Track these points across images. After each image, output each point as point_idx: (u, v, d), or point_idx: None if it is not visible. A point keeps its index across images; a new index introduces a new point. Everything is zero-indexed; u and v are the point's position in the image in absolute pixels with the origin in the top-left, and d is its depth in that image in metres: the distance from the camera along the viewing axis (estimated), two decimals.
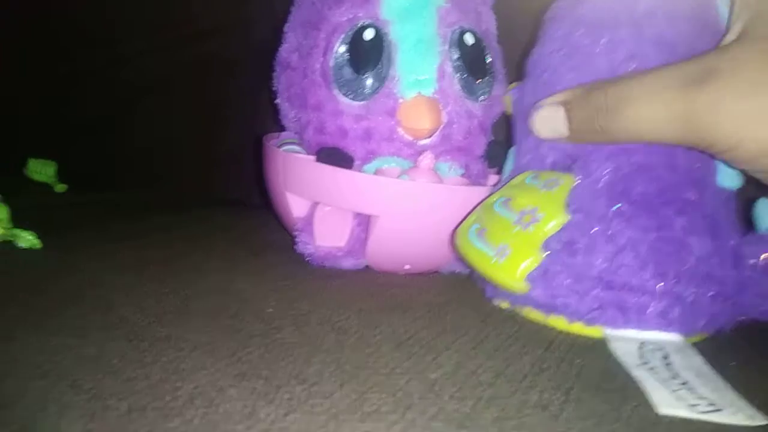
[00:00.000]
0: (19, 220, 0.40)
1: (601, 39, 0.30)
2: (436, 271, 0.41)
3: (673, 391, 0.25)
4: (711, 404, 0.24)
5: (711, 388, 0.25)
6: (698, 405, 0.24)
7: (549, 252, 0.29)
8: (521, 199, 0.30)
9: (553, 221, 0.29)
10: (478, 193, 0.36)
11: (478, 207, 0.33)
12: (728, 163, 0.28)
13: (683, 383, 0.25)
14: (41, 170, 0.62)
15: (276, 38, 0.44)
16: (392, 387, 0.24)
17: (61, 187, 0.62)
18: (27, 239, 0.39)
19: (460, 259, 0.34)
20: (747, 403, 0.24)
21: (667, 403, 0.24)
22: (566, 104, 0.30)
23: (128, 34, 0.67)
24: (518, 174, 0.33)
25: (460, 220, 0.35)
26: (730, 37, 0.28)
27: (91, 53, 0.69)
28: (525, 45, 0.37)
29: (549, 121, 0.31)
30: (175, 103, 0.66)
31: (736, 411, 0.23)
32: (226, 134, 0.64)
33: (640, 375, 0.26)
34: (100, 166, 0.70)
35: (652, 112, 0.27)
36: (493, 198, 0.32)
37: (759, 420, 0.23)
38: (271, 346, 0.27)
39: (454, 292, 0.36)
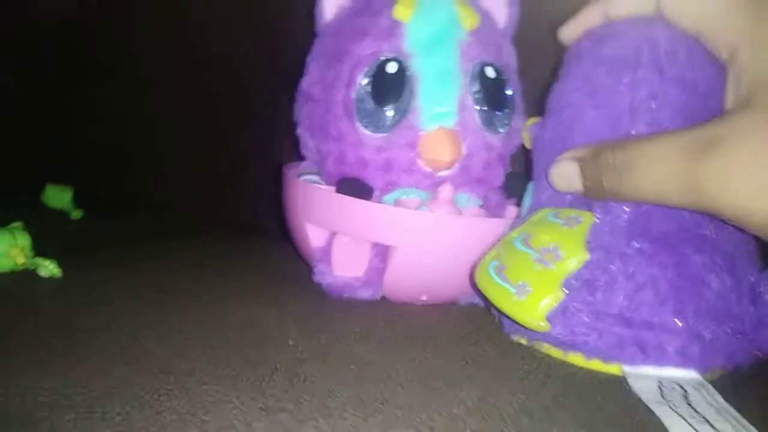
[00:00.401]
0: (38, 248, 0.41)
1: (624, 78, 0.31)
2: (453, 302, 0.42)
3: (693, 426, 0.25)
4: None
5: (731, 425, 0.25)
6: None
7: (569, 291, 0.29)
8: (542, 236, 0.31)
9: (574, 259, 0.30)
10: (496, 225, 0.36)
11: (498, 243, 0.33)
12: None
13: (704, 420, 0.25)
14: (58, 197, 0.63)
15: (297, 68, 0.45)
16: (415, 422, 0.24)
17: (77, 214, 0.63)
18: (48, 268, 0.39)
19: (480, 295, 0.34)
20: None
21: None
22: (580, 161, 0.31)
23: (146, 59, 0.68)
24: (538, 210, 0.33)
25: (478, 251, 0.35)
26: (732, 101, 0.28)
27: (107, 79, 0.71)
28: (544, 78, 0.37)
29: (565, 176, 0.32)
30: (193, 130, 0.67)
31: None
32: (244, 162, 0.65)
33: (662, 412, 0.26)
34: (116, 192, 0.70)
35: (658, 177, 0.27)
36: (513, 234, 0.32)
37: None
38: (294, 380, 0.27)
39: (473, 324, 0.36)
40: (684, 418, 0.25)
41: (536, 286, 0.29)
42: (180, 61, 0.67)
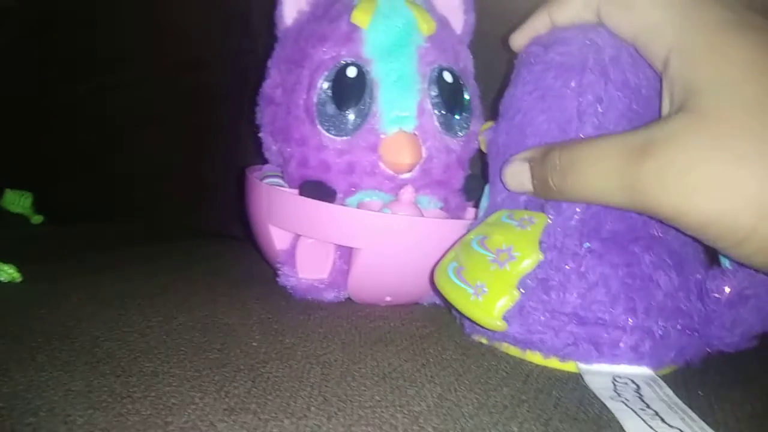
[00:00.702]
0: None
1: (571, 83, 0.32)
2: (416, 303, 0.42)
3: (646, 422, 0.26)
4: None
5: (680, 417, 0.26)
6: None
7: (524, 291, 0.30)
8: (497, 236, 0.32)
9: (528, 260, 0.30)
10: (457, 226, 0.37)
11: (456, 244, 0.34)
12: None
13: (655, 414, 0.26)
14: (18, 201, 0.62)
15: (258, 70, 0.45)
16: (378, 420, 0.25)
17: (37, 219, 0.62)
18: (8, 273, 0.39)
19: (439, 296, 0.35)
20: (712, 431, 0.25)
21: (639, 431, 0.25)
22: (530, 161, 0.32)
23: (111, 65, 0.67)
24: (494, 212, 0.34)
25: (440, 252, 0.36)
26: (667, 107, 0.29)
27: (72, 84, 0.70)
28: (501, 83, 0.38)
29: (516, 175, 0.33)
30: (156, 135, 0.66)
31: None
32: (208, 166, 0.65)
33: (616, 407, 0.27)
34: (78, 197, 0.69)
35: (598, 177, 0.28)
36: (470, 236, 0.33)
37: None
38: (258, 380, 0.27)
39: (435, 324, 0.37)
40: (636, 413, 0.26)
41: (492, 287, 0.30)
42: (151, 66, 0.67)
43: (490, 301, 0.30)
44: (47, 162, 0.71)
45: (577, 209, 0.31)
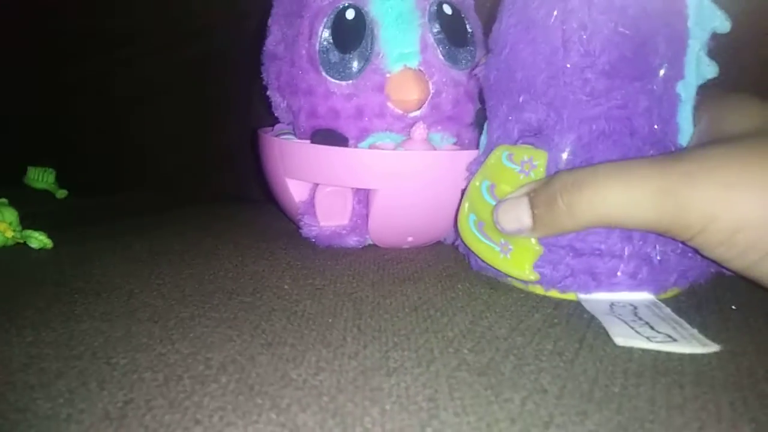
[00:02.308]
0: (27, 226, 0.41)
1: (554, 11, 0.31)
2: (438, 243, 0.42)
3: (632, 328, 0.26)
4: (668, 336, 0.25)
5: (670, 326, 0.27)
6: (655, 337, 0.25)
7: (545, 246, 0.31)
8: (504, 186, 0.32)
9: None
10: (470, 157, 0.37)
11: (468, 190, 0.34)
12: (700, 250, 0.27)
13: (645, 323, 0.27)
14: (41, 178, 0.63)
15: (261, 32, 0.45)
16: (413, 345, 0.25)
17: (62, 193, 0.63)
18: (39, 239, 0.39)
19: (466, 247, 0.35)
20: (702, 335, 0.25)
21: (625, 335, 0.25)
22: (530, 193, 0.30)
23: (122, 38, 0.67)
24: (493, 149, 0.34)
25: (455, 186, 0.36)
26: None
27: (84, 59, 0.70)
28: (489, 16, 0.37)
29: (511, 212, 0.30)
30: (171, 104, 0.66)
31: (690, 340, 0.25)
32: (222, 131, 0.65)
33: (605, 319, 0.27)
34: (98, 170, 0.70)
35: (621, 187, 0.26)
36: (477, 181, 0.33)
37: (712, 347, 0.24)
38: (292, 318, 0.28)
39: (460, 264, 0.37)
40: (626, 322, 0.27)
41: (515, 245, 0.31)
42: (161, 37, 0.67)
43: (517, 260, 0.31)
44: (65, 138, 0.71)
45: (568, 141, 0.31)
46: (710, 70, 0.32)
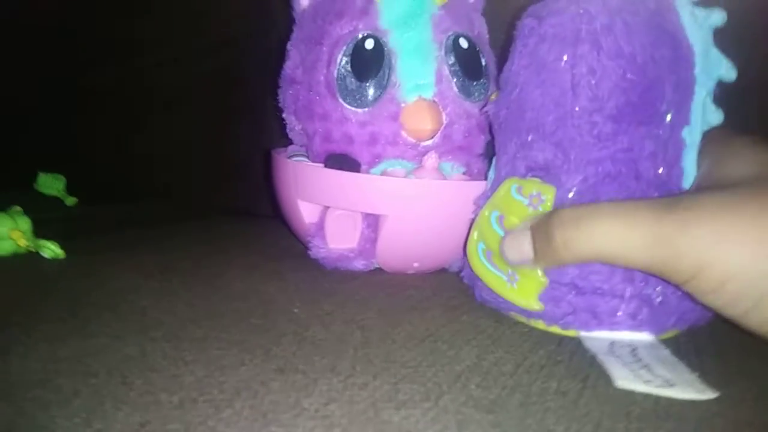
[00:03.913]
0: (37, 233, 0.41)
1: (564, 55, 0.32)
2: (443, 270, 0.43)
3: (632, 370, 0.27)
4: (665, 381, 0.26)
5: (669, 369, 0.27)
6: (653, 381, 0.26)
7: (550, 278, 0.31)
8: (512, 217, 0.32)
9: None
10: (479, 187, 0.38)
11: (477, 219, 0.35)
12: (692, 294, 0.27)
13: (644, 366, 0.27)
14: (51, 184, 0.63)
15: (280, 50, 0.46)
16: (421, 378, 0.26)
17: (71, 201, 0.63)
18: (51, 249, 0.40)
19: (474, 275, 0.35)
20: (700, 381, 0.26)
21: (624, 378, 0.26)
22: (532, 226, 0.31)
23: (138, 49, 0.68)
24: (496, 188, 0.34)
25: (464, 215, 0.37)
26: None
27: (101, 68, 0.71)
28: (501, 55, 0.38)
29: (516, 244, 0.31)
30: (183, 116, 0.67)
31: (687, 387, 0.25)
32: (233, 145, 0.66)
33: (604, 359, 0.28)
34: (107, 179, 0.71)
35: (620, 229, 0.27)
36: (487, 211, 0.34)
37: (709, 394, 0.25)
38: (302, 344, 0.28)
39: (465, 294, 0.37)
40: (625, 364, 0.27)
41: (521, 276, 0.31)
42: (177, 49, 0.68)
43: (524, 290, 0.31)
44: (78, 145, 0.72)
45: (575, 181, 0.31)
46: (715, 116, 0.33)
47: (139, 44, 0.68)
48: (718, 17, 0.32)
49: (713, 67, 0.32)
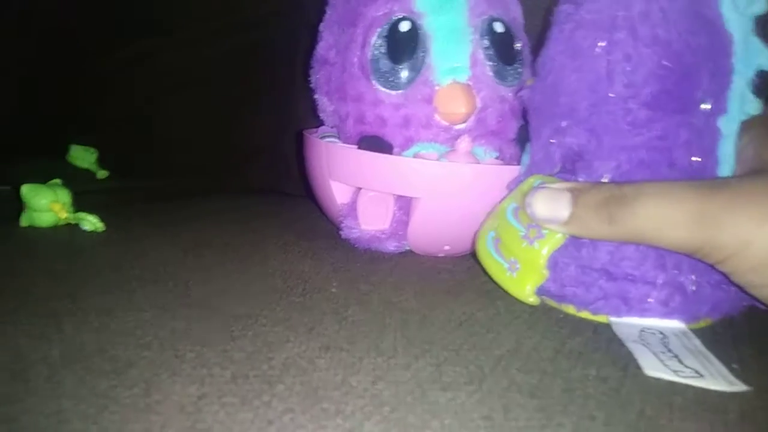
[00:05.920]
0: (74, 205, 0.42)
1: (600, 41, 0.32)
2: (472, 253, 0.43)
3: (661, 360, 0.27)
4: (695, 372, 0.26)
5: (699, 360, 0.27)
6: (683, 371, 0.26)
7: (550, 272, 0.31)
8: (526, 218, 0.32)
9: (554, 241, 0.31)
10: (513, 172, 0.38)
11: (495, 210, 0.35)
12: (730, 276, 0.28)
13: (674, 356, 0.28)
14: (83, 157, 0.64)
15: (307, 28, 0.46)
16: (463, 361, 0.26)
17: (102, 174, 0.64)
18: (92, 222, 0.41)
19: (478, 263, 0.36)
20: (730, 372, 0.26)
21: (654, 367, 0.26)
22: (574, 190, 0.30)
23: (166, 27, 0.69)
24: (531, 173, 0.35)
25: (496, 199, 0.37)
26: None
27: (132, 43, 0.71)
28: (537, 41, 0.38)
29: (550, 202, 0.31)
30: (210, 95, 0.68)
31: (717, 378, 0.26)
32: (261, 123, 0.66)
33: (633, 346, 0.28)
34: (138, 153, 0.71)
35: (666, 207, 0.27)
36: (506, 203, 0.34)
37: (738, 387, 0.25)
38: (343, 323, 0.29)
39: None
40: (655, 354, 0.27)
41: (523, 265, 0.32)
42: (204, 27, 0.68)
43: (521, 281, 0.32)
44: (107, 120, 0.73)
45: (609, 167, 0.32)
46: (754, 106, 0.33)
47: (165, 23, 0.69)
48: (760, 5, 0.31)
49: (753, 57, 0.32)
